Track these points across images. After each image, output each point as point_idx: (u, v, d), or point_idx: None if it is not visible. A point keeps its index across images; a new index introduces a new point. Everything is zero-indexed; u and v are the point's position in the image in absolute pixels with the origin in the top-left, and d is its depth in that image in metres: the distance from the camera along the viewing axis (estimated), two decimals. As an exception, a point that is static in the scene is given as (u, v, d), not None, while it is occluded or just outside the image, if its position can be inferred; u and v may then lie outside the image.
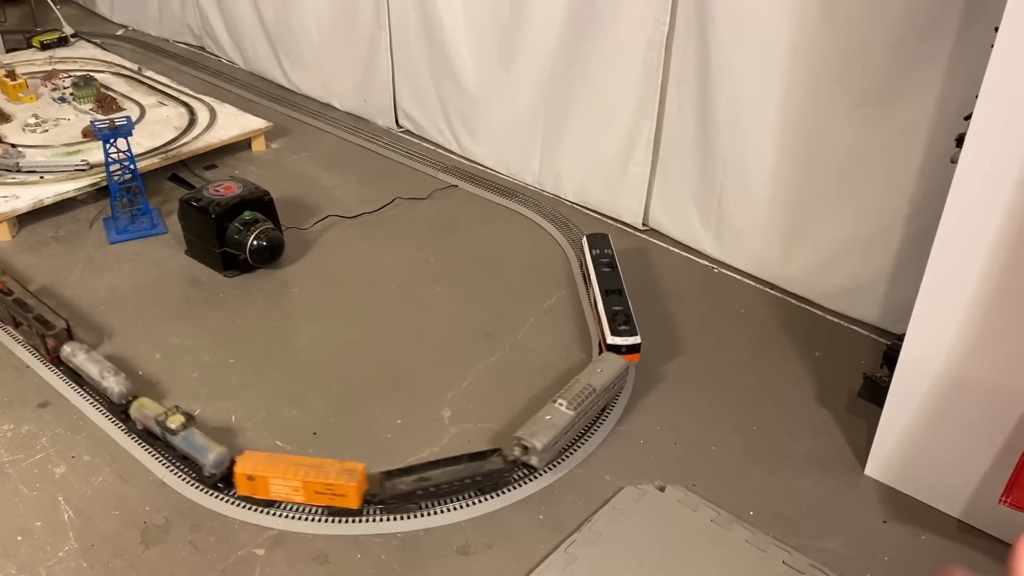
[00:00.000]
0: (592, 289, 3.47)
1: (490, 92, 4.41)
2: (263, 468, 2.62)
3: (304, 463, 2.65)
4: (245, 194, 3.75)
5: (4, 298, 3.30)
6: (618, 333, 3.14)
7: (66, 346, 3.10)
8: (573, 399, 2.83)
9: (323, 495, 2.61)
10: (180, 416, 2.77)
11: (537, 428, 2.74)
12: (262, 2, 5.27)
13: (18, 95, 4.83)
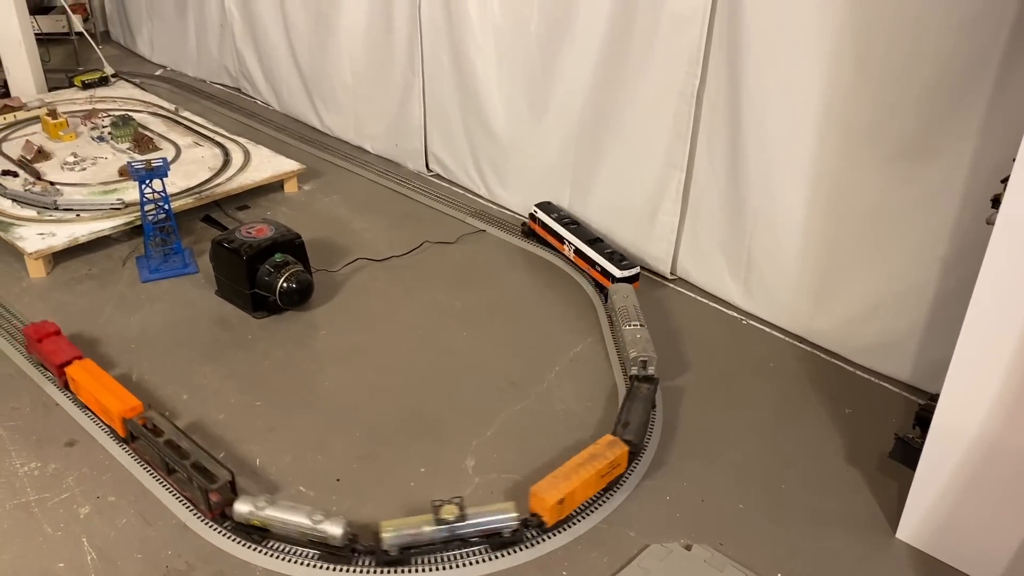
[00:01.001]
0: (570, 242, 4.04)
1: (520, 139, 4.45)
2: (563, 486, 2.71)
3: (579, 462, 2.80)
4: (277, 236, 3.79)
5: (153, 439, 2.83)
6: (622, 267, 3.84)
7: (241, 504, 2.64)
8: (637, 319, 3.44)
9: (607, 476, 2.83)
10: (450, 506, 2.63)
11: (641, 344, 3.32)
12: (298, 46, 5.37)
13: (59, 133, 4.94)
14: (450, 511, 2.62)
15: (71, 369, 3.17)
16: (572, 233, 4.08)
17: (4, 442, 3.03)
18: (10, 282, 3.91)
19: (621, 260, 3.91)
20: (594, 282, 4.02)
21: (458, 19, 4.41)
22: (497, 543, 2.67)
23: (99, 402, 3.05)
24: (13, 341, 3.51)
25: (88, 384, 3.10)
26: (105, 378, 3.13)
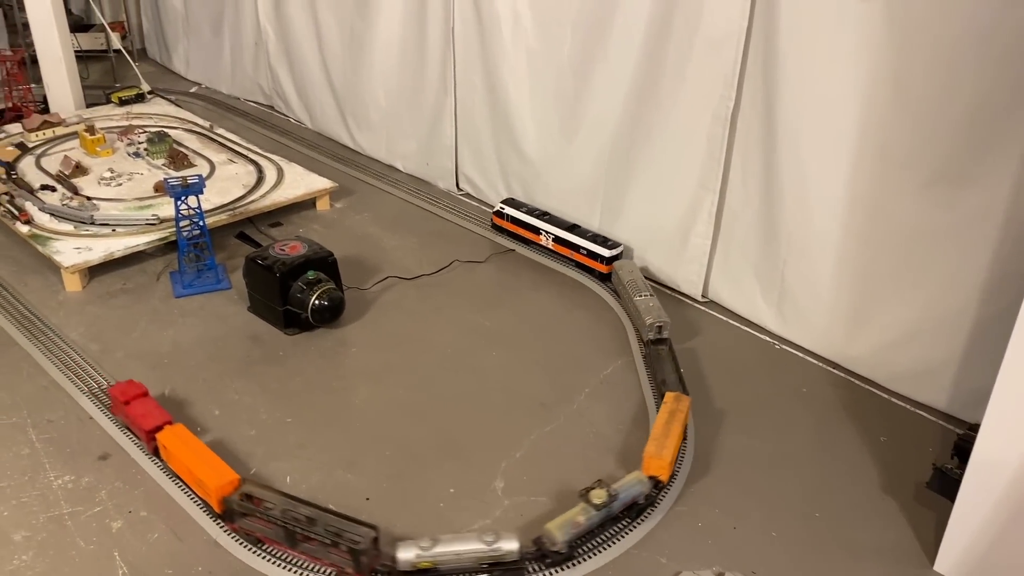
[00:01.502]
0: (547, 231, 4.32)
1: (551, 159, 4.46)
2: (667, 444, 2.90)
3: (664, 420, 3.01)
4: (310, 254, 3.81)
5: (270, 514, 2.63)
6: (609, 247, 4.12)
7: (404, 551, 2.55)
8: (646, 290, 3.73)
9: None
10: (598, 491, 2.74)
11: (655, 312, 3.60)
12: (332, 65, 5.43)
13: (96, 149, 5.02)
14: (599, 495, 2.73)
15: (163, 436, 2.95)
16: (548, 223, 4.33)
17: (39, 455, 3.06)
18: (47, 295, 3.96)
19: (605, 241, 4.19)
20: (582, 268, 4.23)
21: (491, 41, 4.44)
22: (635, 512, 2.83)
23: (193, 475, 2.84)
24: (49, 354, 3.55)
25: (181, 454, 2.88)
26: (199, 447, 2.91)
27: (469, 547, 2.59)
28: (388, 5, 4.86)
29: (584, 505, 2.73)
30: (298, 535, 2.63)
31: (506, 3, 4.30)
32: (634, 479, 2.85)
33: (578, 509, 2.72)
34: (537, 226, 4.37)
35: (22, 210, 4.28)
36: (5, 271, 4.12)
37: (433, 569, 2.61)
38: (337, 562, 2.61)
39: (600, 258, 4.10)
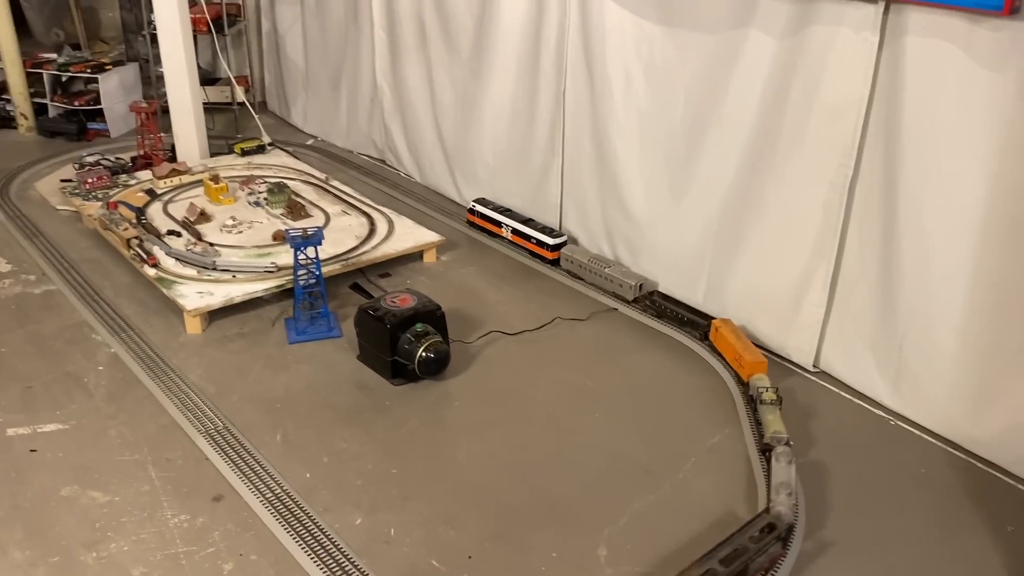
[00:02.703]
0: (507, 224, 5.03)
1: (658, 220, 4.45)
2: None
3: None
4: (419, 307, 3.90)
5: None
6: (554, 237, 4.81)
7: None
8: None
9: None
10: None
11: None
12: (443, 123, 5.59)
13: (219, 197, 5.28)
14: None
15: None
16: (507, 217, 5.06)
17: (158, 492, 3.19)
18: (169, 337, 4.16)
19: (551, 232, 4.85)
20: (535, 256, 4.91)
21: (602, 103, 4.50)
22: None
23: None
24: (170, 394, 3.72)
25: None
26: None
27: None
28: (501, 67, 5.00)
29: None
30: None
31: (618, 66, 4.36)
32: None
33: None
34: (500, 221, 5.08)
35: (150, 253, 4.52)
36: (131, 311, 4.34)
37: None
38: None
39: (546, 246, 4.86)
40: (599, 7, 4.35)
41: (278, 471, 3.29)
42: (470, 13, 5.12)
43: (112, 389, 3.74)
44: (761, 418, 3.52)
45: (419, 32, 5.56)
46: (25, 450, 3.37)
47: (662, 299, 4.43)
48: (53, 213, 5.36)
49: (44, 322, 4.22)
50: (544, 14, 4.64)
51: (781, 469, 3.16)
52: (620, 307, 4.50)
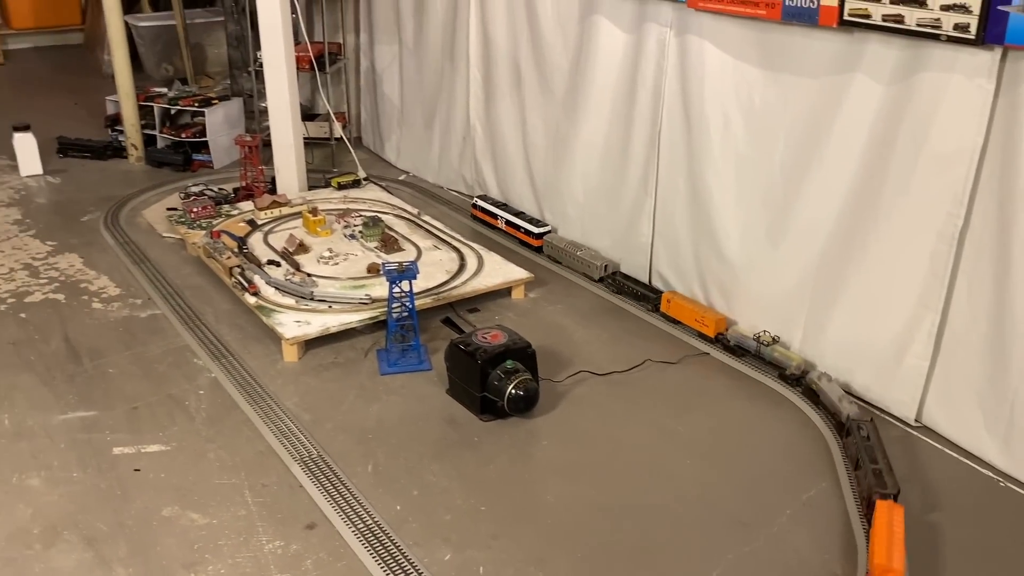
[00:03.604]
0: (501, 216, 5.73)
1: (753, 264, 4.39)
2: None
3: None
4: (510, 344, 3.92)
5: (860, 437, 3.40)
6: (538, 226, 5.51)
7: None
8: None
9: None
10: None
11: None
12: (534, 161, 5.65)
13: (317, 229, 5.43)
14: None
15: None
16: (501, 210, 5.76)
17: (253, 517, 3.26)
18: (266, 364, 4.27)
19: (537, 223, 5.53)
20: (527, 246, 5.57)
21: (699, 145, 4.48)
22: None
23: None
24: (267, 420, 3.81)
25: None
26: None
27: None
28: (596, 107, 5.03)
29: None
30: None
31: (717, 108, 4.34)
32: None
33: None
34: (496, 214, 5.76)
35: (251, 282, 4.67)
36: (231, 337, 4.48)
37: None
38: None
39: (531, 234, 5.52)
40: (698, 50, 4.35)
41: (369, 502, 3.34)
42: (566, 55, 5.18)
43: (212, 413, 3.86)
44: (773, 358, 4.13)
45: (514, 72, 5.65)
46: (129, 469, 3.50)
47: (623, 278, 5.07)
48: (159, 240, 5.60)
49: (149, 345, 4.39)
50: (642, 56, 4.66)
51: (828, 387, 3.85)
52: (712, 351, 4.44)
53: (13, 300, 4.80)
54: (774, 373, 4.16)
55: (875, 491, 3.19)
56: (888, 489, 3.21)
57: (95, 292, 4.91)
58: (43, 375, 4.11)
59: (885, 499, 3.13)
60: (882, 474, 3.30)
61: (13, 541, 3.11)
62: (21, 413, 3.82)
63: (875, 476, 3.29)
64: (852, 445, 3.55)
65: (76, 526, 3.19)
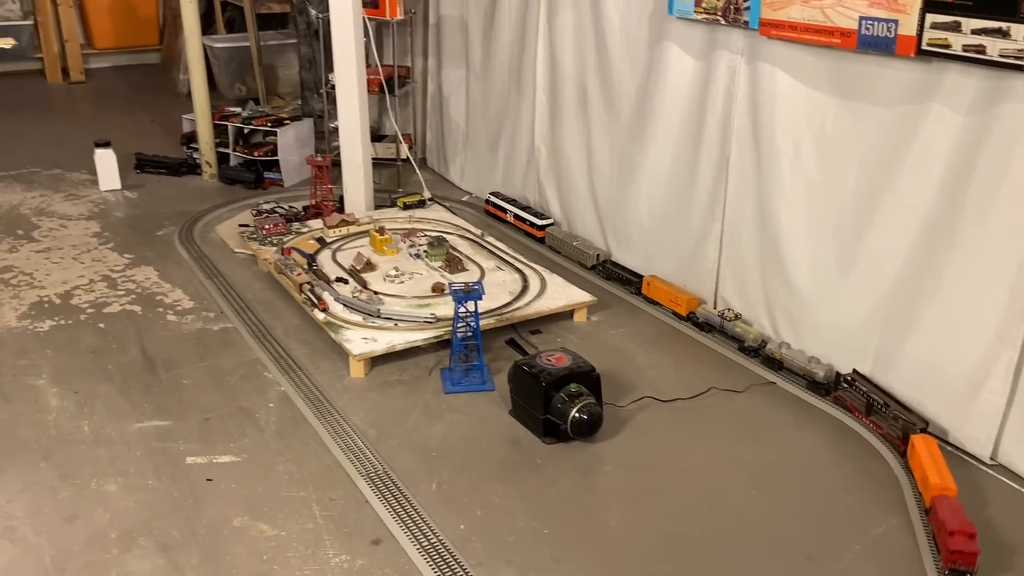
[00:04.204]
0: (509, 210, 6.31)
1: (822, 294, 4.33)
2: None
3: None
4: (574, 367, 3.93)
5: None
6: (542, 218, 6.07)
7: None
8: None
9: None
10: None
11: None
12: (598, 185, 5.68)
13: (383, 248, 5.53)
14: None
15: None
16: (510, 205, 6.31)
17: (321, 531, 3.32)
18: (334, 379, 4.35)
19: (541, 216, 6.08)
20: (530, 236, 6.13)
21: (768, 172, 4.46)
22: None
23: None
24: (334, 434, 3.88)
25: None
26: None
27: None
28: (663, 133, 5.04)
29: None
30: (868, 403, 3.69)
31: (787, 136, 4.32)
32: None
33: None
34: (506, 208, 6.33)
35: (320, 299, 4.77)
36: (300, 352, 4.58)
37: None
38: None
39: (536, 226, 6.07)
40: (770, 76, 4.34)
41: (433, 519, 3.37)
42: (634, 79, 5.21)
43: (281, 426, 3.95)
44: (734, 332, 4.64)
45: (580, 96, 5.69)
46: (202, 478, 3.59)
47: (612, 266, 5.53)
48: (231, 255, 5.76)
49: (221, 357, 4.51)
50: (711, 82, 4.67)
51: (791, 354, 4.34)
52: (778, 381, 4.38)
53: (92, 310, 4.98)
54: (735, 345, 4.71)
55: (908, 427, 3.68)
56: (918, 424, 3.71)
57: (170, 304, 5.07)
58: (120, 384, 4.25)
59: (918, 433, 3.60)
60: (908, 410, 3.79)
61: (92, 545, 3.22)
62: (100, 420, 3.96)
63: (897, 414, 3.78)
64: (849, 395, 4.07)
65: (151, 532, 3.28)
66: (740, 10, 4.36)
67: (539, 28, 5.88)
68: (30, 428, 3.89)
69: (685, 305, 4.93)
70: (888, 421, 3.81)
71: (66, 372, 4.35)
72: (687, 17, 4.67)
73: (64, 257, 5.68)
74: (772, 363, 4.45)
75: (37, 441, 3.80)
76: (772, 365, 4.45)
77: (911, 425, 3.67)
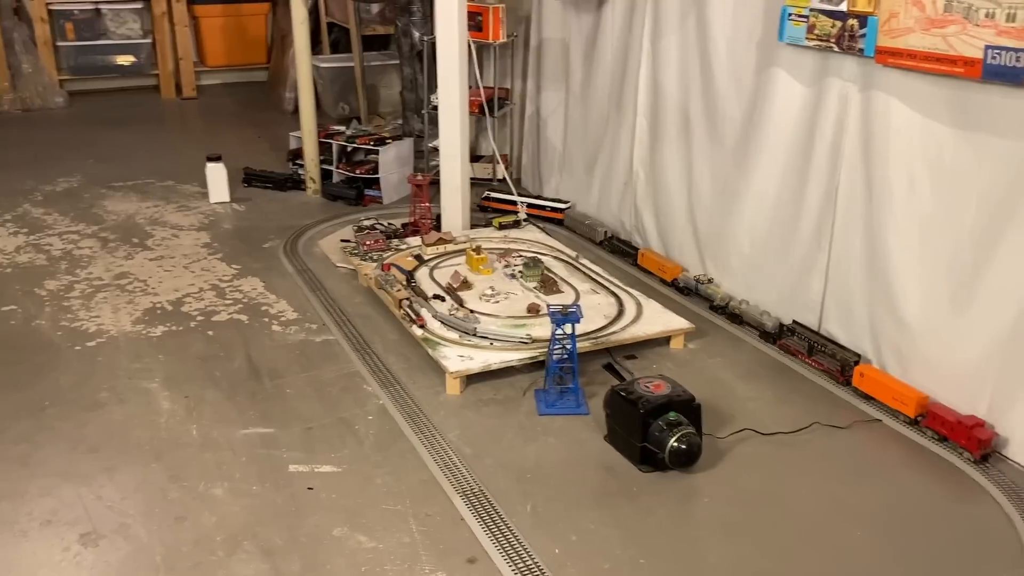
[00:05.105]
0: (520, 201, 6.59)
1: (934, 331, 4.16)
2: None
3: None
4: (673, 396, 3.88)
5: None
6: (562, 203, 6.69)
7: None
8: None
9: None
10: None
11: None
12: (698, 210, 5.61)
13: (479, 267, 5.58)
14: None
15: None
16: (519, 196, 6.67)
17: (417, 546, 3.35)
18: (430, 395, 4.41)
19: (557, 201, 6.77)
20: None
21: (880, 203, 4.32)
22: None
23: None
24: (431, 450, 3.93)
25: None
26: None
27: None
28: (768, 160, 4.96)
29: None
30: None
31: (901, 168, 4.19)
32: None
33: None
34: (514, 200, 6.68)
35: (419, 315, 4.85)
36: (398, 367, 4.66)
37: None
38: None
39: (557, 210, 6.75)
40: (884, 105, 4.22)
41: (528, 542, 3.36)
42: (739, 105, 5.15)
43: (380, 439, 4.02)
44: (706, 293, 5.44)
45: (682, 121, 5.65)
46: (303, 487, 3.68)
47: (618, 242, 6.20)
48: (332, 269, 5.91)
49: (323, 369, 4.63)
50: (821, 110, 4.57)
51: (748, 308, 5.15)
52: (884, 419, 4.23)
53: (202, 318, 5.18)
54: (706, 305, 5.41)
55: (845, 361, 4.50)
56: (852, 358, 4.50)
57: (274, 315, 5.23)
58: (227, 391, 4.40)
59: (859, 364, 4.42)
60: (843, 348, 4.54)
61: (199, 546, 3.33)
62: (208, 425, 4.10)
63: (835, 351, 4.58)
64: (794, 342, 4.81)
65: (254, 537, 3.38)
66: (855, 37, 4.26)
67: (642, 52, 5.87)
68: (143, 430, 4.06)
69: (669, 272, 5.68)
70: (827, 358, 4.59)
71: (177, 377, 4.53)
72: (798, 44, 4.59)
73: (176, 266, 5.93)
74: (735, 318, 5.19)
75: (149, 443, 3.96)
76: (735, 320, 5.19)
77: (848, 358, 4.49)
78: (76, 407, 4.24)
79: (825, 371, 4.57)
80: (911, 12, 3.99)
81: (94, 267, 5.87)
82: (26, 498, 3.57)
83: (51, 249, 6.17)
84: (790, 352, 4.81)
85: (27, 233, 6.46)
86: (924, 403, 4.12)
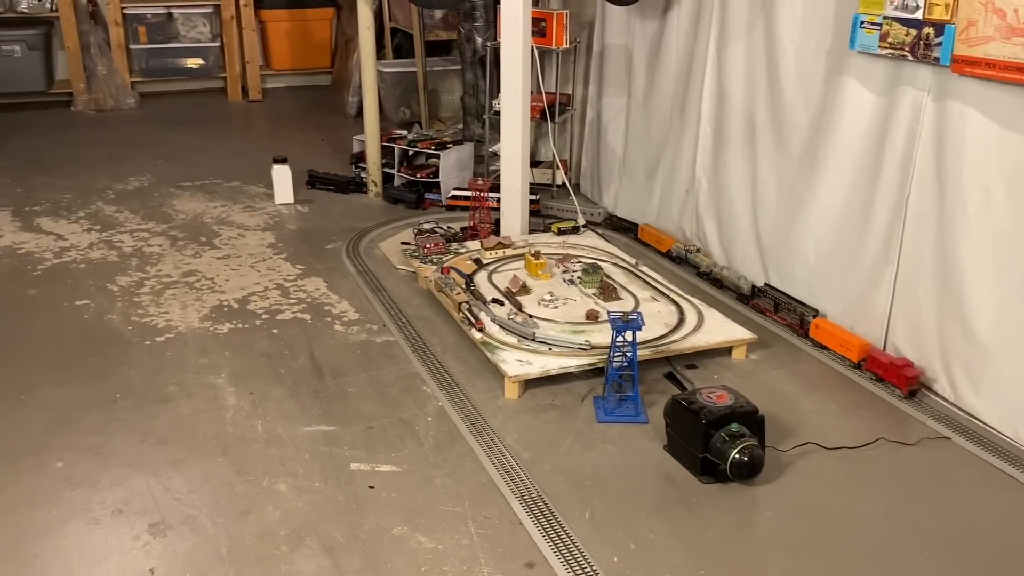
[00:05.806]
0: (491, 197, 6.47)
1: (1008, 348, 4.04)
2: None
3: None
4: (736, 406, 3.83)
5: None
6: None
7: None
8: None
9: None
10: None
11: None
12: (762, 219, 5.54)
13: (538, 272, 5.59)
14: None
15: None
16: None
17: (476, 548, 3.37)
18: (488, 398, 4.43)
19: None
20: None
21: (952, 215, 4.22)
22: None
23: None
24: (490, 453, 3.94)
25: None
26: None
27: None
28: (836, 169, 4.87)
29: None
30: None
31: (976, 180, 4.08)
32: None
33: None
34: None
35: (478, 318, 4.87)
36: (456, 369, 4.69)
37: None
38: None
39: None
40: (959, 116, 4.12)
41: (587, 548, 3.36)
42: (807, 113, 5.07)
43: (439, 440, 4.05)
44: (693, 261, 5.98)
45: (748, 129, 5.59)
46: (364, 485, 3.73)
47: (618, 220, 6.71)
48: (393, 271, 5.98)
49: (383, 369, 4.68)
50: (892, 120, 4.47)
51: (727, 273, 5.67)
52: (954, 437, 4.12)
53: (267, 316, 5.29)
54: (693, 272, 5.92)
55: (803, 316, 5.06)
56: (810, 313, 5.05)
57: (337, 315, 5.31)
58: (291, 388, 4.48)
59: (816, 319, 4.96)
60: (803, 305, 5.10)
61: (263, 540, 3.39)
62: (272, 421, 4.18)
63: (796, 308, 5.12)
64: (764, 301, 5.33)
65: (316, 533, 3.43)
66: (931, 46, 4.17)
67: (707, 59, 5.82)
68: (210, 424, 4.16)
69: (666, 244, 6.19)
70: (790, 313, 5.13)
71: (242, 373, 4.63)
72: (870, 52, 4.51)
73: (242, 265, 6.06)
74: (716, 283, 5.68)
75: (216, 437, 4.06)
76: (716, 284, 5.68)
77: (807, 313, 5.04)
78: (146, 400, 4.36)
79: (787, 325, 5.13)
80: (991, 20, 3.88)
81: (163, 264, 6.04)
82: (99, 487, 3.69)
83: (122, 246, 6.36)
84: (760, 310, 5.34)
85: (100, 230, 6.67)
86: (866, 349, 4.65)
